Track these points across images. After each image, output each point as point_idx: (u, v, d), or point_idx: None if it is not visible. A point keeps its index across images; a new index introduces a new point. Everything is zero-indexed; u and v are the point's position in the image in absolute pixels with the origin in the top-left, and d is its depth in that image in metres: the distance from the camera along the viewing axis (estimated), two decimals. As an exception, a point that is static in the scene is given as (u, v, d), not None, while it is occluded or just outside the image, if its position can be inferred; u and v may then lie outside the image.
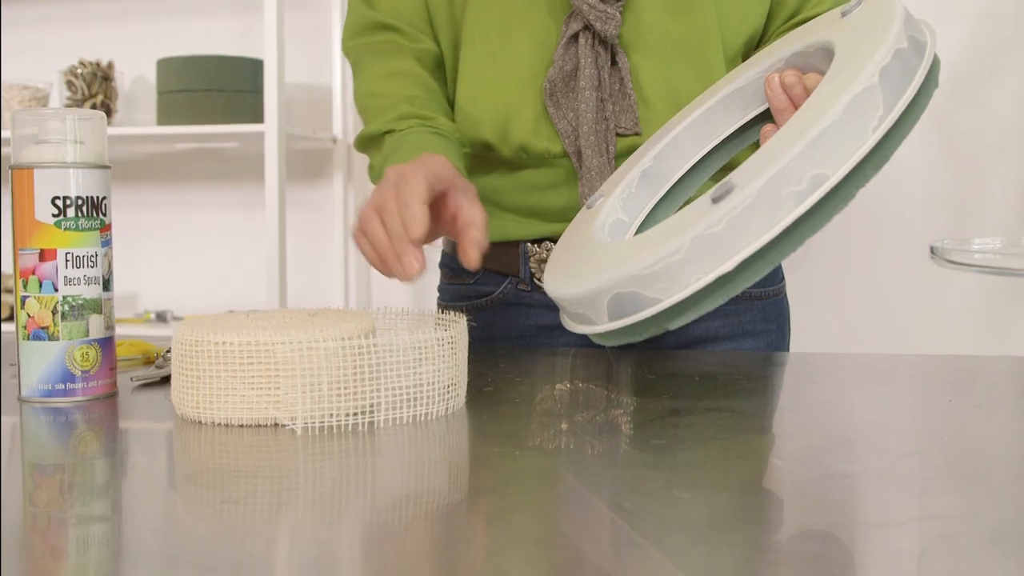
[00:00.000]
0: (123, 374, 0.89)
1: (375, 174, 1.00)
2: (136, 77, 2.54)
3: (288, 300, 2.30)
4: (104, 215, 0.79)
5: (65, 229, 0.77)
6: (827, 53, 0.76)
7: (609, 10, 0.95)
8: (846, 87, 0.65)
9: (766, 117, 0.87)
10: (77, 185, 0.77)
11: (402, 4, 1.04)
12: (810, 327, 1.15)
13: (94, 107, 2.34)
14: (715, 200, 0.64)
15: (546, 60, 0.99)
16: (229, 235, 2.54)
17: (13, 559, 0.45)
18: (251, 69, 2.30)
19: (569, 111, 0.98)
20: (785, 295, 1.11)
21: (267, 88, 2.18)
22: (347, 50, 1.08)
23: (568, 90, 0.98)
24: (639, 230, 0.88)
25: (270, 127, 2.18)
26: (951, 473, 0.57)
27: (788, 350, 1.11)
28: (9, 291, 2.42)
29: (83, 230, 0.77)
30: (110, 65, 2.37)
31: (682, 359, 0.96)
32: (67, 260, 0.77)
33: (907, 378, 0.87)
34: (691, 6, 0.98)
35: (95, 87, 2.34)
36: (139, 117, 2.53)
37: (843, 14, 0.77)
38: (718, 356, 0.98)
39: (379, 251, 0.82)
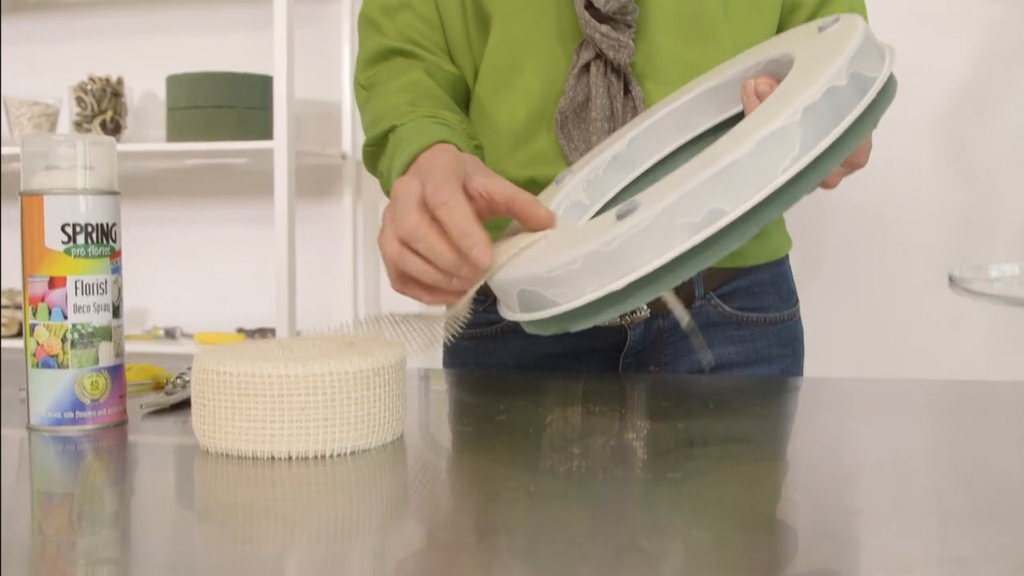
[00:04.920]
0: (132, 399, 0.88)
1: (385, 180, 0.96)
2: (146, 93, 2.54)
3: (297, 316, 2.29)
4: (114, 241, 0.78)
5: (75, 256, 0.76)
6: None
7: (622, 38, 0.93)
8: (765, 122, 0.64)
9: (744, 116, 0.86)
10: (87, 212, 0.77)
11: (415, 31, 1.02)
12: (820, 345, 1.14)
13: (103, 123, 2.34)
14: (619, 217, 0.64)
15: (556, 90, 0.98)
16: (238, 251, 2.54)
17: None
18: (260, 85, 2.30)
19: (581, 143, 0.96)
20: (799, 318, 1.10)
21: (276, 104, 2.18)
22: (361, 81, 1.04)
23: (580, 121, 0.96)
24: (599, 213, 0.87)
25: (279, 144, 2.18)
26: (972, 510, 0.55)
27: (802, 373, 1.10)
28: (18, 307, 2.42)
29: (93, 257, 0.77)
30: (119, 81, 2.38)
31: (695, 384, 0.95)
32: (76, 287, 0.76)
33: (922, 406, 0.86)
34: (705, 32, 0.97)
35: (104, 103, 2.34)
36: (149, 133, 2.53)
37: (820, 29, 0.76)
38: (731, 381, 0.97)
39: (420, 294, 0.77)
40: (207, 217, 2.56)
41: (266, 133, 2.25)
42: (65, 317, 0.76)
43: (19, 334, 2.39)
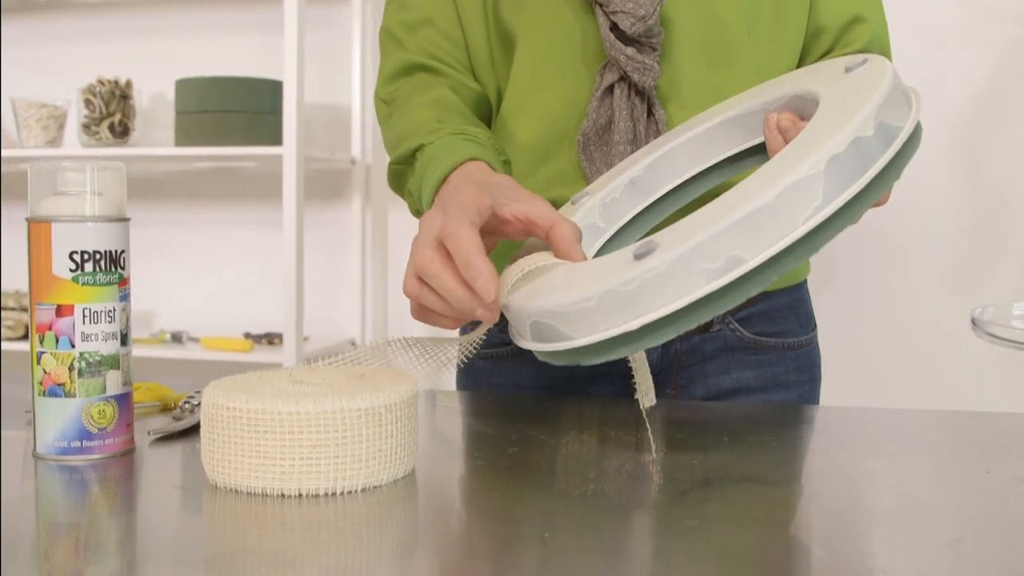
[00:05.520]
0: (140, 422, 0.87)
1: (415, 200, 0.94)
2: (154, 95, 2.53)
3: (305, 321, 2.28)
4: (123, 269, 0.77)
5: (83, 284, 0.75)
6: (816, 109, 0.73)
7: (647, 61, 0.92)
8: (788, 170, 0.62)
9: (764, 148, 0.85)
10: (96, 239, 0.75)
11: (438, 48, 1.01)
12: (830, 362, 1.12)
13: (112, 126, 2.33)
14: (637, 257, 0.64)
15: (578, 111, 0.97)
16: (246, 254, 2.53)
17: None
18: (270, 90, 2.29)
19: (603, 165, 0.95)
20: (817, 343, 1.09)
21: (286, 110, 2.17)
22: (383, 96, 1.03)
23: (602, 143, 0.95)
24: (614, 237, 0.86)
25: (289, 149, 2.17)
26: (998, 568, 0.54)
27: (819, 398, 1.08)
28: (24, 309, 2.41)
29: (101, 285, 0.76)
30: (128, 83, 2.37)
31: (710, 413, 0.94)
32: (84, 316, 0.75)
33: (939, 441, 0.84)
34: (729, 56, 0.96)
35: (113, 105, 2.33)
36: (157, 135, 2.53)
37: (847, 69, 0.74)
38: (746, 409, 0.96)
39: (443, 323, 0.76)
40: (215, 220, 2.55)
41: (275, 138, 2.24)
42: (72, 346, 0.75)
43: (25, 336, 2.39)
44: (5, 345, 2.36)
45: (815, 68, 0.82)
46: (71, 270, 0.75)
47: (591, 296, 0.65)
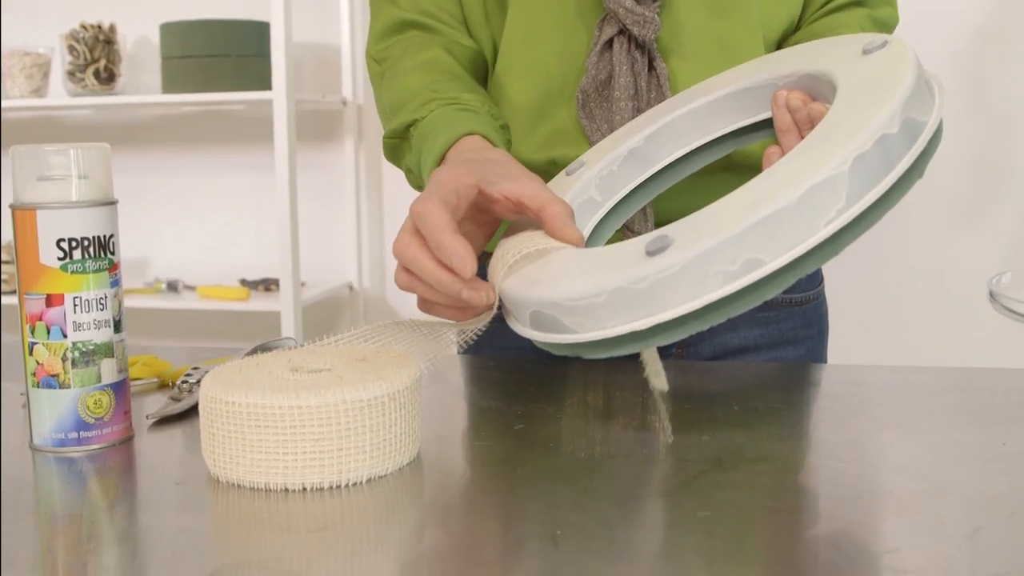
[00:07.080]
0: (137, 400, 0.86)
1: (415, 177, 0.92)
2: (139, 39, 2.48)
3: (301, 266, 2.26)
4: (112, 254, 0.75)
5: (72, 272, 0.73)
6: (834, 92, 0.70)
7: (647, 13, 0.89)
8: (811, 170, 0.59)
9: (771, 124, 0.82)
10: (83, 225, 0.73)
11: (430, 3, 0.97)
12: (839, 311, 1.10)
13: (97, 72, 2.28)
14: (649, 253, 0.61)
15: (576, 67, 0.94)
16: (239, 199, 2.50)
17: None
18: (257, 32, 2.24)
19: (603, 122, 0.92)
20: (824, 296, 1.07)
21: (274, 52, 2.13)
22: (374, 55, 1.00)
23: (602, 100, 0.92)
24: (612, 211, 0.84)
25: (278, 93, 2.13)
26: (1019, 565, 0.53)
27: (827, 352, 1.07)
28: (9, 262, 2.38)
29: (91, 272, 0.74)
30: (112, 28, 2.32)
31: (717, 376, 0.92)
32: (75, 305, 0.73)
33: (954, 407, 0.83)
34: (731, 4, 0.92)
35: (97, 51, 2.29)
36: (144, 80, 2.48)
37: (865, 51, 0.71)
38: (754, 371, 0.94)
39: (444, 312, 0.75)
40: (205, 165, 2.52)
41: (264, 81, 2.20)
42: (64, 336, 0.73)
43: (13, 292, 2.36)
44: (4, 300, 2.34)
45: (828, 44, 0.78)
46: (59, 258, 0.73)
47: (600, 292, 0.62)
